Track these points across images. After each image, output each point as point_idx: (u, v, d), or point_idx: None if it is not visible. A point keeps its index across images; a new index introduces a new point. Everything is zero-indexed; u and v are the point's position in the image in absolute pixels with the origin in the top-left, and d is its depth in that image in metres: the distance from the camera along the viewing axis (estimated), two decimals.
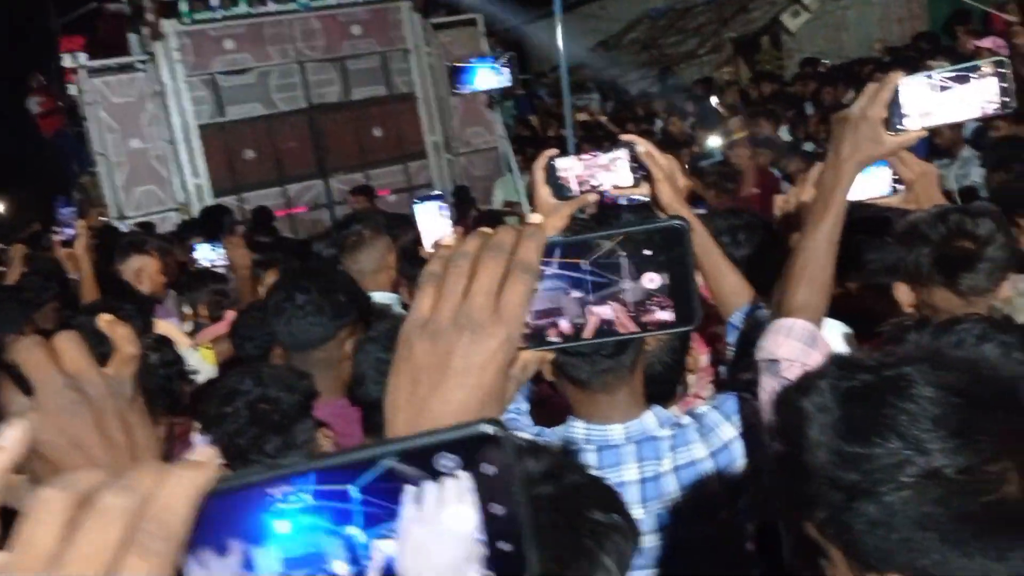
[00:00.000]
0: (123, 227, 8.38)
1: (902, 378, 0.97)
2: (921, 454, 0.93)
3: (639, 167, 2.12)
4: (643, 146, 2.14)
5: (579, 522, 1.02)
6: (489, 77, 4.38)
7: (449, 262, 0.77)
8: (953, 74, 1.63)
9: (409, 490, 0.57)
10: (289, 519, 0.57)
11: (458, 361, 0.74)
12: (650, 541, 1.82)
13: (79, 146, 10.84)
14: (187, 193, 9.21)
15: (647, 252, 0.79)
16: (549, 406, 2.18)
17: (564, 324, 0.81)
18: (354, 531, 0.57)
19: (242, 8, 9.26)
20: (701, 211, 3.72)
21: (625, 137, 2.20)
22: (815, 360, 1.56)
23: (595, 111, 12.02)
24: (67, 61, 9.12)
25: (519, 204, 7.26)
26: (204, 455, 0.56)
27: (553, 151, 2.18)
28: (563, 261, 0.80)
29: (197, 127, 9.22)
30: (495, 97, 6.06)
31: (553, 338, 0.82)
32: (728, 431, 1.84)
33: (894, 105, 1.63)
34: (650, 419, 1.85)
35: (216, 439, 2.03)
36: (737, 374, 1.97)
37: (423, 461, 0.57)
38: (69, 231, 3.90)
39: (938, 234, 2.18)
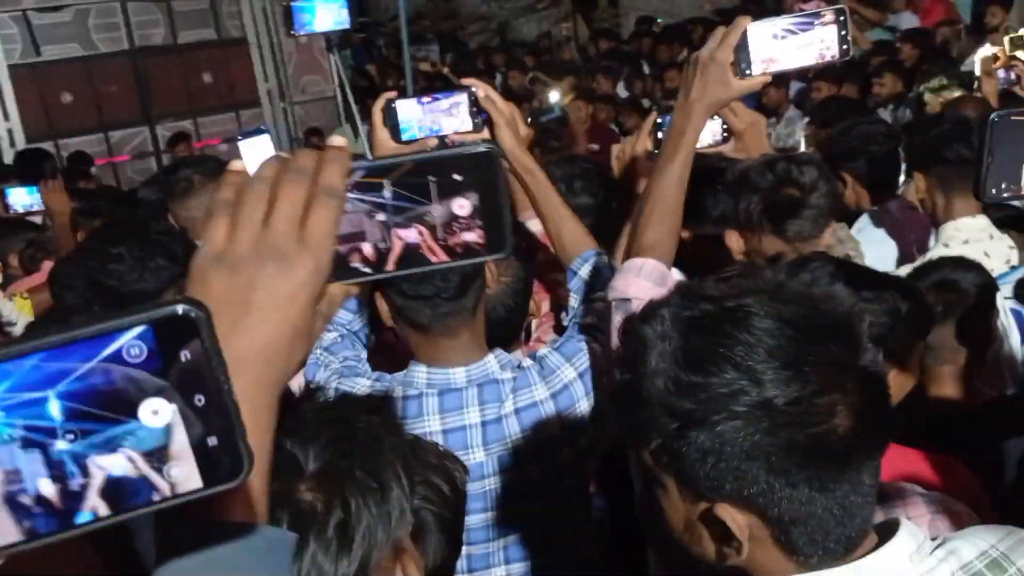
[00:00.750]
0: None
1: (741, 309, 0.97)
2: (754, 384, 0.93)
3: (479, 112, 2.10)
4: (483, 90, 2.12)
5: (350, 421, 0.96)
6: (327, 18, 4.24)
7: (245, 188, 0.70)
8: (797, 21, 1.68)
9: (116, 389, 0.50)
10: None
11: (261, 294, 0.67)
12: (492, 483, 1.83)
13: None
14: None
15: (456, 177, 0.75)
16: (390, 354, 2.15)
17: (368, 249, 0.76)
18: (63, 445, 0.50)
19: None
20: None
21: (466, 80, 2.17)
22: None
23: (436, 62, 11.86)
24: None
25: (362, 154, 7.13)
26: None
27: (392, 93, 2.14)
28: (366, 183, 0.74)
29: (7, 67, 8.58)
30: (333, 40, 5.88)
31: (357, 264, 0.76)
32: (569, 372, 1.86)
33: (741, 49, 1.66)
34: (492, 362, 1.85)
35: None
36: (579, 318, 2.00)
37: (116, 353, 0.51)
38: None
39: (766, 182, 2.26)
